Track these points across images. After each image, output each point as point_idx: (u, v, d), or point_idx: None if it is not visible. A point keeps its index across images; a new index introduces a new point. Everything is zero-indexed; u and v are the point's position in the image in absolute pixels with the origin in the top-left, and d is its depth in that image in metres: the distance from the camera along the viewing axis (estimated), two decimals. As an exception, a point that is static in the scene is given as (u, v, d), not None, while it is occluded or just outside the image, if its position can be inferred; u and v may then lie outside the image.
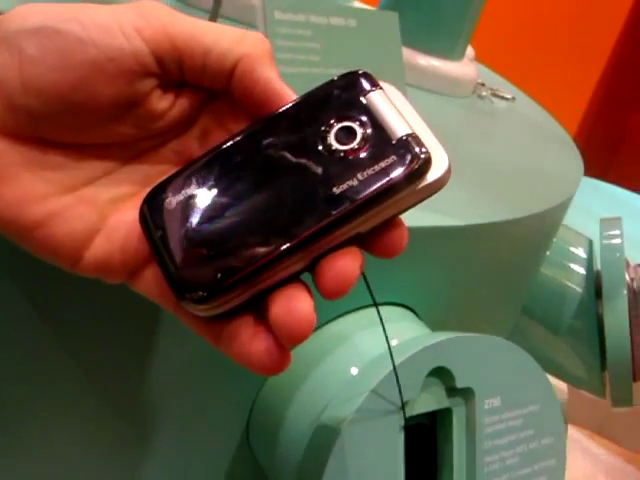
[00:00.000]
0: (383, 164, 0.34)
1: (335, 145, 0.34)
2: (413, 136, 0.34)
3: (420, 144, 0.34)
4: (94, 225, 0.35)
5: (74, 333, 0.47)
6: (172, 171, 0.37)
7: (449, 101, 0.95)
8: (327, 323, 0.56)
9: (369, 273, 0.55)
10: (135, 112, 0.35)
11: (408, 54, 0.92)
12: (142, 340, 0.49)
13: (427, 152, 0.34)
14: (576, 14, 2.31)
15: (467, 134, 0.89)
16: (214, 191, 0.35)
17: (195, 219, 0.34)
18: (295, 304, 0.33)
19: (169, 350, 0.50)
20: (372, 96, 0.36)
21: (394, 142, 0.34)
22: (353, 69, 0.37)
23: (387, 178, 0.33)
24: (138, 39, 0.34)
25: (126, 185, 0.37)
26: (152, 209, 0.35)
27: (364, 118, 0.35)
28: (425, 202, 0.36)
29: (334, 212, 0.33)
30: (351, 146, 0.34)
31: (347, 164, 0.34)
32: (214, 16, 0.75)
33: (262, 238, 0.33)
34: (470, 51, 1.05)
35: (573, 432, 1.25)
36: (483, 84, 1.02)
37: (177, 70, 0.35)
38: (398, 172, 0.33)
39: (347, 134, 0.35)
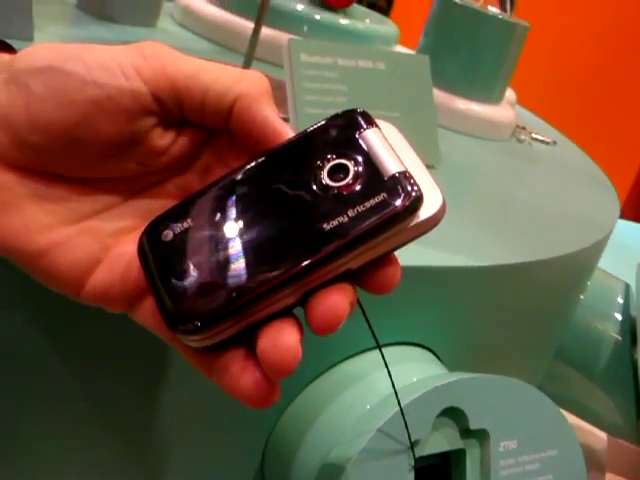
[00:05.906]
0: (374, 201, 0.34)
1: (328, 182, 0.35)
2: (405, 174, 0.34)
3: (412, 182, 0.34)
4: (96, 255, 0.37)
5: (89, 365, 0.48)
6: None
7: (487, 144, 0.95)
8: (344, 361, 0.56)
9: (388, 313, 0.55)
10: (137, 149, 0.37)
11: (446, 98, 0.93)
12: (156, 373, 0.50)
13: (419, 190, 0.34)
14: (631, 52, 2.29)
15: (502, 176, 0.88)
16: (209, 225, 0.36)
17: (190, 252, 0.35)
18: (281, 337, 0.33)
19: (183, 383, 0.50)
20: (367, 134, 0.36)
21: (386, 179, 0.34)
22: (381, 111, 0.37)
23: (377, 215, 0.33)
24: (137, 79, 0.35)
25: (129, 218, 0.38)
26: (150, 241, 0.36)
27: (358, 155, 0.35)
28: (454, 243, 0.35)
29: (324, 248, 0.33)
30: (343, 183, 0.35)
31: (339, 201, 0.34)
32: (249, 59, 0.77)
33: (254, 272, 0.34)
34: (511, 95, 1.05)
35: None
36: (524, 128, 1.01)
37: (177, 109, 0.37)
38: (388, 209, 0.33)
39: (340, 171, 0.35)
